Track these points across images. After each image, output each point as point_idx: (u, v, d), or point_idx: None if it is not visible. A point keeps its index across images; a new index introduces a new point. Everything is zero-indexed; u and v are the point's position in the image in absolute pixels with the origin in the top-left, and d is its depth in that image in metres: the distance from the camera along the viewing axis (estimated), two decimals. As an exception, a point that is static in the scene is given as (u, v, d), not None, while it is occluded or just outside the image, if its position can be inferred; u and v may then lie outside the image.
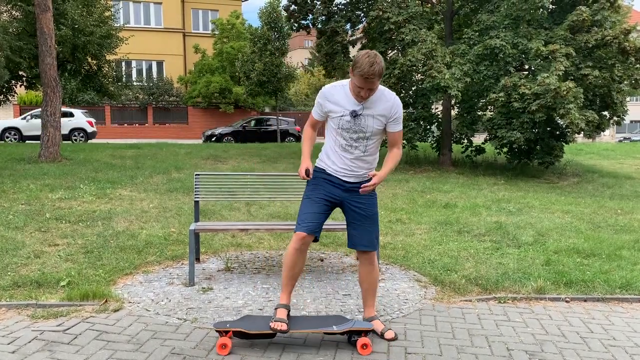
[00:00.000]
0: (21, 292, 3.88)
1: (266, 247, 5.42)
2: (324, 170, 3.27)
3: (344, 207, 3.28)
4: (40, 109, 13.42)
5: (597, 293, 4.20)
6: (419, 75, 12.86)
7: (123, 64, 29.34)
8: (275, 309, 3.23)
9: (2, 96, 20.16)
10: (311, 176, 3.21)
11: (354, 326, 3.12)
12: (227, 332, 3.05)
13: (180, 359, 2.94)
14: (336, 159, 3.22)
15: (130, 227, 5.88)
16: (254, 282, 4.30)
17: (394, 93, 3.23)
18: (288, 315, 3.23)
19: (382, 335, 3.27)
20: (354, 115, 3.10)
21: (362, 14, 14.48)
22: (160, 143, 18.47)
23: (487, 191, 9.67)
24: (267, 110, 32.48)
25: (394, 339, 3.26)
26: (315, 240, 3.24)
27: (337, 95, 3.15)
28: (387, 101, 3.13)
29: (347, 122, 3.12)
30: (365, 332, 3.12)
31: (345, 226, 3.38)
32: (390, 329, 3.33)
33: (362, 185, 3.13)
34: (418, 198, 8.54)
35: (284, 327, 3.05)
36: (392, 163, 3.24)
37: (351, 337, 3.15)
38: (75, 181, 8.79)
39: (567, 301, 4.07)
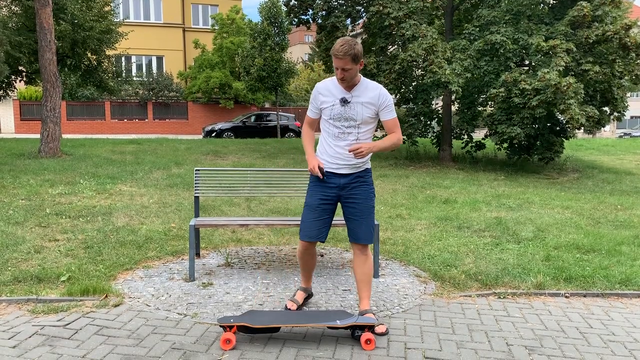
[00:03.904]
0: (22, 287, 3.88)
1: (266, 243, 5.42)
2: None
3: (342, 203, 3.41)
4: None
5: (597, 288, 4.20)
6: (420, 70, 12.84)
7: (123, 59, 29.25)
8: (297, 290, 3.72)
9: (2, 91, 20.12)
10: (323, 172, 3.33)
11: (358, 321, 3.13)
12: (231, 327, 3.06)
13: (180, 354, 2.95)
14: (330, 152, 3.34)
15: (130, 223, 5.89)
16: (254, 278, 4.30)
17: (380, 85, 3.37)
18: (307, 298, 3.70)
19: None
20: (344, 102, 3.26)
21: (363, 9, 14.43)
22: (160, 138, 18.47)
23: (487, 187, 9.67)
24: (267, 105, 32.44)
25: (384, 333, 3.29)
26: (322, 241, 3.44)
27: (328, 87, 3.33)
28: (374, 90, 3.29)
29: (338, 110, 3.27)
30: (368, 327, 3.13)
31: (344, 222, 3.51)
32: (382, 324, 3.37)
33: (350, 148, 3.18)
34: (418, 194, 8.55)
35: (294, 307, 3.53)
36: (389, 141, 3.33)
37: (355, 332, 3.16)
38: (75, 176, 8.79)
39: (566, 297, 4.07)
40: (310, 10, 14.51)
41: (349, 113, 3.26)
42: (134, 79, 30.63)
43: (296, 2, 14.60)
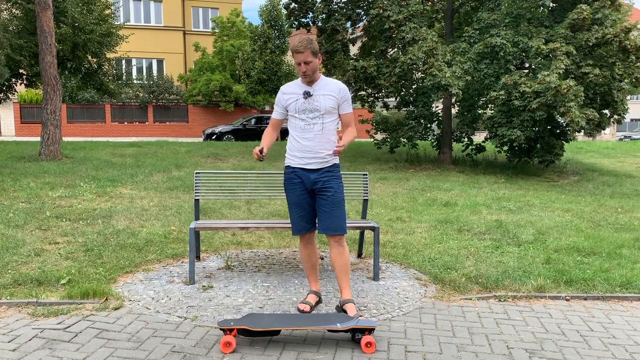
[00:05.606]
0: (22, 290, 3.88)
1: (266, 246, 5.42)
2: (289, 166, 3.61)
3: (314, 196, 3.58)
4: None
5: (597, 291, 4.20)
6: (420, 73, 12.84)
7: (123, 62, 29.36)
8: (307, 293, 3.80)
9: (2, 94, 20.16)
10: (264, 154, 3.45)
11: (358, 324, 3.13)
12: (231, 330, 3.06)
13: (180, 357, 2.95)
14: (298, 147, 3.53)
15: (130, 225, 5.89)
16: (254, 281, 4.30)
17: (339, 81, 3.61)
18: (318, 301, 3.75)
19: None
20: (307, 95, 3.49)
21: (363, 12, 14.45)
22: (160, 141, 18.47)
23: (487, 189, 9.67)
24: (267, 108, 32.46)
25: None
26: (313, 230, 3.65)
27: (290, 87, 3.58)
28: (334, 85, 3.53)
29: (302, 103, 3.49)
30: (369, 330, 3.12)
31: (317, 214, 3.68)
32: (362, 315, 3.45)
33: (334, 151, 3.35)
34: (418, 196, 8.54)
35: (307, 308, 3.59)
36: (351, 135, 3.55)
37: (355, 335, 3.16)
38: (75, 179, 8.79)
39: (567, 299, 4.07)
40: (311, 13, 14.54)
41: (313, 105, 3.47)
42: (135, 81, 30.65)
43: (296, 5, 14.62)
